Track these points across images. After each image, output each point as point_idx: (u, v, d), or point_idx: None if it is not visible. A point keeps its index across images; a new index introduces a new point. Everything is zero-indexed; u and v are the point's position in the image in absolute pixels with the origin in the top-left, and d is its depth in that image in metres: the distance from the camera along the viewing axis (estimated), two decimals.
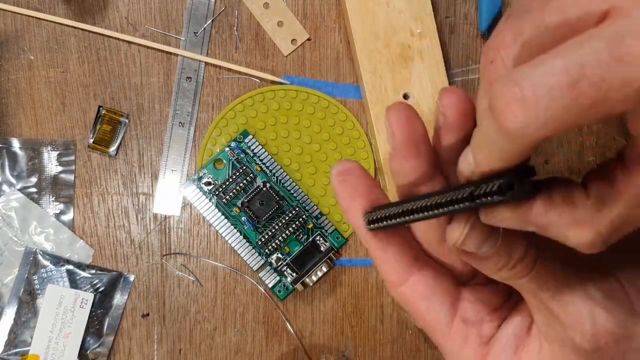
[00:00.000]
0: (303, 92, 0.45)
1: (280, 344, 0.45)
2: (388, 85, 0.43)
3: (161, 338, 0.44)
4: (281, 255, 0.44)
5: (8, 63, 0.44)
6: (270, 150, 0.45)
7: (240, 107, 0.45)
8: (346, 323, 0.45)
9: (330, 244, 0.44)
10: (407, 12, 0.43)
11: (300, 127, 0.45)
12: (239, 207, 0.44)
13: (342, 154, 0.45)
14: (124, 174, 0.44)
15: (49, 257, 0.43)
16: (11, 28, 0.44)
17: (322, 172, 0.45)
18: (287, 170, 0.45)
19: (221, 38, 0.45)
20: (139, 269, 0.44)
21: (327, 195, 0.45)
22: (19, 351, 0.42)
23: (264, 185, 0.44)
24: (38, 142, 0.44)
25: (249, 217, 0.44)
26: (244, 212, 0.44)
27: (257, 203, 0.44)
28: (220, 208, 0.44)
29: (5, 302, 0.42)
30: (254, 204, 0.44)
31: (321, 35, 0.46)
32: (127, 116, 0.44)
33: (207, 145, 0.45)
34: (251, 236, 0.44)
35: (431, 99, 0.43)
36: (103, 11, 0.44)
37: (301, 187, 0.45)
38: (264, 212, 0.44)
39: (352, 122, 0.45)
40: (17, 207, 0.43)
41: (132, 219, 0.44)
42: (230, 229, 0.44)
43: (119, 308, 0.44)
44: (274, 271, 0.44)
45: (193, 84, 0.45)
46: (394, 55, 0.43)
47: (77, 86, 0.44)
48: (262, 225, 0.44)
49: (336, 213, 0.45)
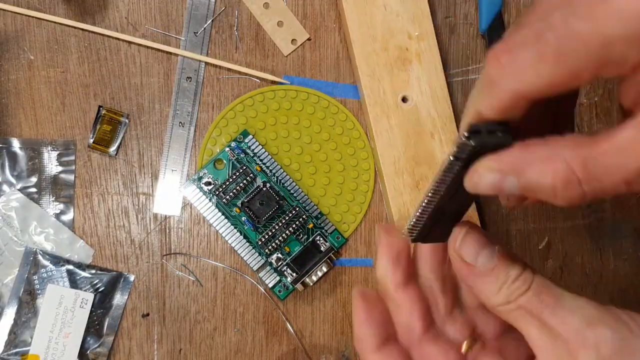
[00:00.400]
0: (303, 92, 0.45)
1: (280, 344, 0.45)
2: (386, 88, 0.43)
3: (161, 338, 0.44)
4: (281, 255, 0.44)
5: (8, 63, 0.44)
6: (270, 150, 0.45)
7: (240, 107, 0.45)
8: (346, 323, 0.45)
9: (330, 244, 0.44)
10: (405, 14, 0.43)
11: (300, 127, 0.45)
12: (239, 207, 0.44)
13: (342, 154, 0.45)
14: (124, 174, 0.44)
15: (49, 257, 0.43)
16: (11, 28, 0.44)
17: (322, 172, 0.45)
18: (287, 170, 0.45)
19: (221, 38, 0.45)
20: (139, 269, 0.44)
21: (327, 195, 0.45)
22: (19, 351, 0.42)
23: (264, 185, 0.44)
24: (38, 142, 0.44)
25: (249, 217, 0.44)
26: (244, 212, 0.44)
27: (257, 203, 0.44)
28: (221, 208, 0.44)
29: (5, 302, 0.42)
30: (254, 204, 0.44)
31: (321, 35, 0.46)
32: (127, 116, 0.44)
33: (207, 145, 0.45)
34: (251, 236, 0.44)
35: (430, 101, 0.43)
36: (103, 11, 0.44)
37: (301, 187, 0.45)
38: (264, 212, 0.44)
39: (352, 122, 0.45)
40: (17, 207, 0.43)
41: (132, 219, 0.44)
42: (230, 229, 0.44)
43: (119, 308, 0.44)
44: (274, 271, 0.44)
45: (193, 84, 0.45)
46: (392, 58, 0.43)
47: (77, 86, 0.44)
48: (262, 225, 0.44)
49: (336, 213, 0.45)
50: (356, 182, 0.45)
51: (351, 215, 0.45)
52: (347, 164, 0.45)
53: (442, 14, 0.47)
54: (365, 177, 0.45)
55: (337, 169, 0.45)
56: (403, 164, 0.43)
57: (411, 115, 0.43)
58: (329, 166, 0.45)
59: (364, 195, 0.45)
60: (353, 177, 0.45)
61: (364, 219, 0.46)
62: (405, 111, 0.43)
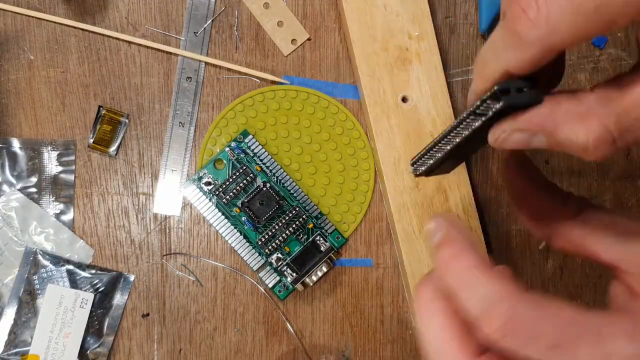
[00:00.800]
0: (303, 92, 0.45)
1: (280, 344, 0.45)
2: (386, 88, 0.43)
3: (161, 338, 0.44)
4: (281, 255, 0.44)
5: (8, 63, 0.44)
6: (270, 150, 0.45)
7: (240, 107, 0.45)
8: (346, 323, 0.45)
9: (330, 244, 0.44)
10: (405, 14, 0.43)
11: (300, 127, 0.45)
12: (239, 207, 0.44)
13: (342, 154, 0.45)
14: (124, 174, 0.44)
15: (49, 257, 0.43)
16: (11, 28, 0.44)
17: (322, 172, 0.45)
18: (287, 170, 0.45)
19: (221, 38, 0.45)
20: (139, 269, 0.44)
21: (327, 195, 0.45)
22: (19, 351, 0.42)
23: (264, 185, 0.44)
24: (38, 142, 0.44)
25: (249, 217, 0.44)
26: (244, 212, 0.44)
27: (257, 203, 0.44)
28: (221, 208, 0.44)
29: (5, 302, 0.42)
30: (254, 204, 0.44)
31: (321, 35, 0.46)
32: (127, 116, 0.44)
33: (207, 145, 0.45)
34: (251, 236, 0.44)
35: (430, 101, 0.43)
36: (103, 11, 0.44)
37: (301, 187, 0.45)
38: (264, 212, 0.44)
39: (352, 122, 0.45)
40: (17, 207, 0.43)
41: (132, 219, 0.44)
42: (230, 229, 0.44)
43: (119, 308, 0.44)
44: (274, 271, 0.44)
45: (193, 84, 0.45)
46: (392, 58, 0.43)
47: (77, 86, 0.44)
48: (262, 225, 0.44)
49: (336, 213, 0.45)
50: (356, 182, 0.45)
51: (351, 215, 0.45)
52: (347, 164, 0.45)
53: (442, 14, 0.47)
54: (365, 177, 0.45)
55: (337, 168, 0.45)
56: (403, 164, 0.43)
57: (411, 115, 0.43)
58: (329, 166, 0.45)
59: (364, 195, 0.45)
60: (353, 177, 0.45)
61: (364, 219, 0.46)
62: (405, 111, 0.43)
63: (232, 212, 0.44)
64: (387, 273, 0.46)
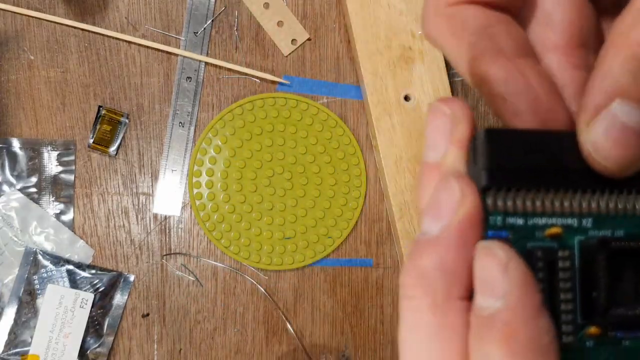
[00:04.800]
0: (303, 102, 0.45)
1: (280, 344, 0.45)
2: (389, 87, 0.43)
3: (161, 338, 0.44)
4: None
5: (8, 63, 0.44)
6: (263, 157, 0.44)
7: (239, 110, 0.45)
8: (346, 323, 0.45)
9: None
10: (408, 13, 0.43)
11: (296, 137, 0.45)
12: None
13: (335, 168, 0.45)
14: (124, 174, 0.44)
15: (49, 257, 0.43)
16: (11, 28, 0.44)
17: (313, 184, 0.45)
18: (278, 179, 0.44)
19: (221, 38, 0.45)
20: (139, 269, 0.44)
21: (315, 208, 0.45)
22: (19, 351, 0.42)
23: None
24: (38, 142, 0.44)
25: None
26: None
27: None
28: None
29: (5, 302, 0.42)
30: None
31: (321, 35, 0.46)
32: (127, 116, 0.44)
33: (202, 145, 0.44)
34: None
35: (432, 100, 0.43)
36: (103, 11, 0.44)
37: (291, 196, 0.44)
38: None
39: (349, 137, 0.45)
40: (17, 207, 0.43)
41: (132, 219, 0.44)
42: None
43: (119, 308, 0.44)
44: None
45: (193, 84, 0.45)
46: (395, 57, 0.43)
47: (77, 86, 0.44)
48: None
49: (322, 227, 0.45)
50: (346, 197, 0.45)
51: (337, 230, 0.45)
52: (340, 179, 0.45)
53: None
54: (356, 194, 0.45)
55: (329, 182, 0.45)
56: (405, 163, 0.43)
57: (413, 113, 0.43)
58: (320, 178, 0.45)
59: (352, 212, 0.45)
60: (344, 192, 0.45)
61: (364, 219, 0.45)
62: (407, 110, 0.43)
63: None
64: (387, 273, 0.45)
